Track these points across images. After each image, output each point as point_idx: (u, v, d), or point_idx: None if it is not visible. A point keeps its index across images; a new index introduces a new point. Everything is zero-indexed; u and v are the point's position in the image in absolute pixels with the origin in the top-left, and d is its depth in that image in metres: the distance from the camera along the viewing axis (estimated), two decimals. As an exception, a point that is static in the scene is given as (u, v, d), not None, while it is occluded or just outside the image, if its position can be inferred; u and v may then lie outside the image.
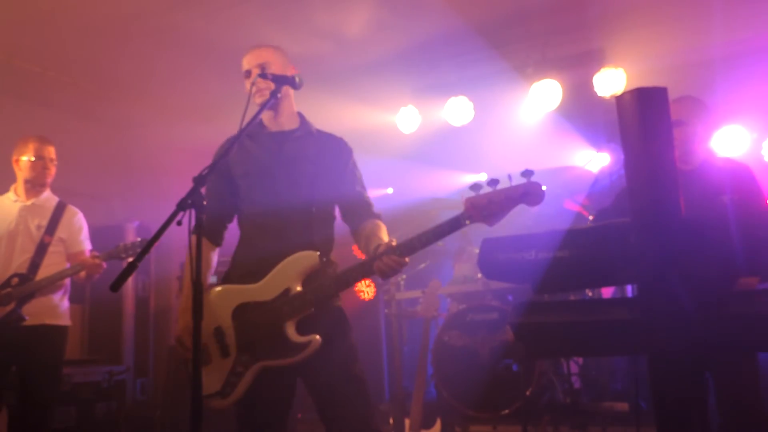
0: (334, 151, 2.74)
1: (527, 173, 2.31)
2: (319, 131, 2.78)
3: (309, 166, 2.66)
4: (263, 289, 2.51)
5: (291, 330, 2.43)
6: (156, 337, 6.32)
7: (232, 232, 2.80)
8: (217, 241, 2.78)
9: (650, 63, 5.47)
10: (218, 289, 2.60)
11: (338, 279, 2.48)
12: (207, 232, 2.68)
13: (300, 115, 2.79)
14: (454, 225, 2.39)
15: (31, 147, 4.00)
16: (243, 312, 2.52)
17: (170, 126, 6.86)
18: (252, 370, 2.47)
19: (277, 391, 2.54)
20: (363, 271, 2.46)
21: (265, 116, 2.70)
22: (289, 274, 2.48)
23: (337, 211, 2.76)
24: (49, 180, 4.06)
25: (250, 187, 2.68)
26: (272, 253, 2.54)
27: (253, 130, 2.67)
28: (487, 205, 2.32)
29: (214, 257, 2.80)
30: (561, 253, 2.05)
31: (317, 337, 2.43)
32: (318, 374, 2.50)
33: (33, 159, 3.98)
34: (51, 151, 4.05)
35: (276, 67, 2.66)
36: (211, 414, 2.31)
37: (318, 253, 2.51)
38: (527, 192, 2.29)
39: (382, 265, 2.38)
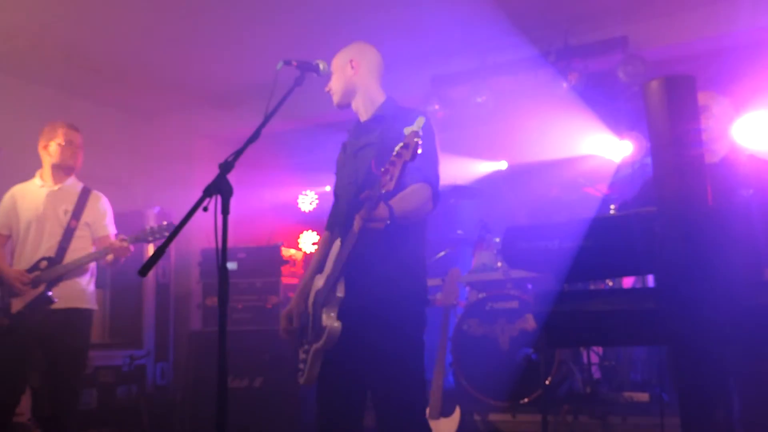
0: (396, 130, 2.64)
1: None
2: (395, 112, 2.76)
3: (370, 153, 2.69)
4: (323, 278, 2.64)
5: (324, 314, 2.52)
6: (176, 323, 6.37)
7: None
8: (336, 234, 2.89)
9: (674, 50, 5.41)
10: (315, 279, 2.75)
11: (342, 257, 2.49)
12: (330, 227, 2.93)
13: (387, 99, 2.83)
14: None
15: (61, 132, 4.01)
16: (315, 299, 2.66)
17: (191, 114, 6.89)
18: (311, 353, 2.57)
19: (347, 381, 2.62)
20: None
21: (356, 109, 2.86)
22: (331, 262, 2.59)
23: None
24: (78, 166, 4.08)
25: (338, 181, 2.87)
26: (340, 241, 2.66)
27: (352, 124, 2.90)
28: None
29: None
30: (584, 243, 2.03)
31: (334, 324, 2.47)
32: (366, 368, 2.58)
33: (63, 144, 4.00)
34: (79, 138, 4.07)
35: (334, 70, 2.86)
36: (231, 399, 2.33)
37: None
38: None
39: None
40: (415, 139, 2.27)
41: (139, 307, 6.02)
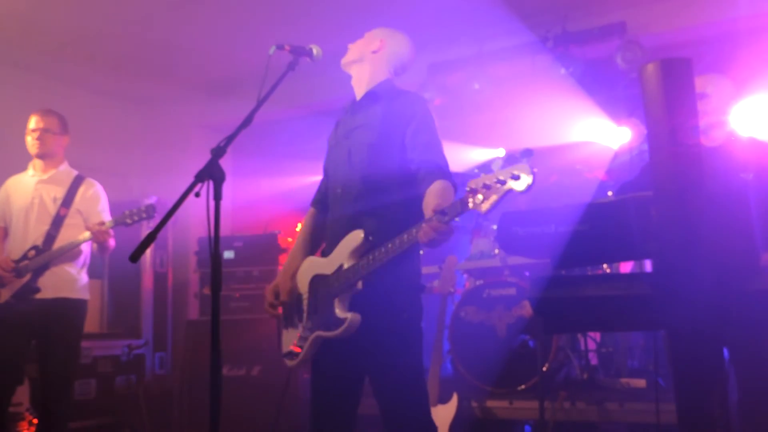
0: (396, 113, 2.64)
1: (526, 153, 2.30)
2: (393, 92, 2.73)
3: (366, 134, 2.66)
4: (328, 263, 2.60)
5: (338, 305, 2.49)
6: (174, 312, 6.37)
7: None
8: (324, 211, 2.87)
9: (672, 36, 5.37)
10: (307, 259, 2.76)
11: (378, 253, 2.41)
12: (316, 203, 2.94)
13: (385, 80, 2.79)
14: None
15: (31, 121, 3.99)
16: (315, 283, 2.64)
17: (187, 102, 6.86)
18: (311, 338, 2.57)
19: (345, 367, 2.60)
20: (404, 241, 2.37)
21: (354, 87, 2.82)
22: (343, 251, 2.54)
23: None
24: (46, 151, 3.98)
25: (329, 158, 2.84)
26: (336, 225, 2.66)
27: (349, 102, 2.85)
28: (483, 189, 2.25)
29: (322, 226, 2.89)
30: (581, 227, 2.02)
31: (355, 315, 2.44)
32: (374, 366, 2.56)
33: (30, 133, 3.98)
34: (48, 122, 3.98)
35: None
36: (229, 388, 2.33)
37: (362, 232, 2.49)
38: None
39: (422, 231, 2.32)
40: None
41: (137, 297, 6.02)
